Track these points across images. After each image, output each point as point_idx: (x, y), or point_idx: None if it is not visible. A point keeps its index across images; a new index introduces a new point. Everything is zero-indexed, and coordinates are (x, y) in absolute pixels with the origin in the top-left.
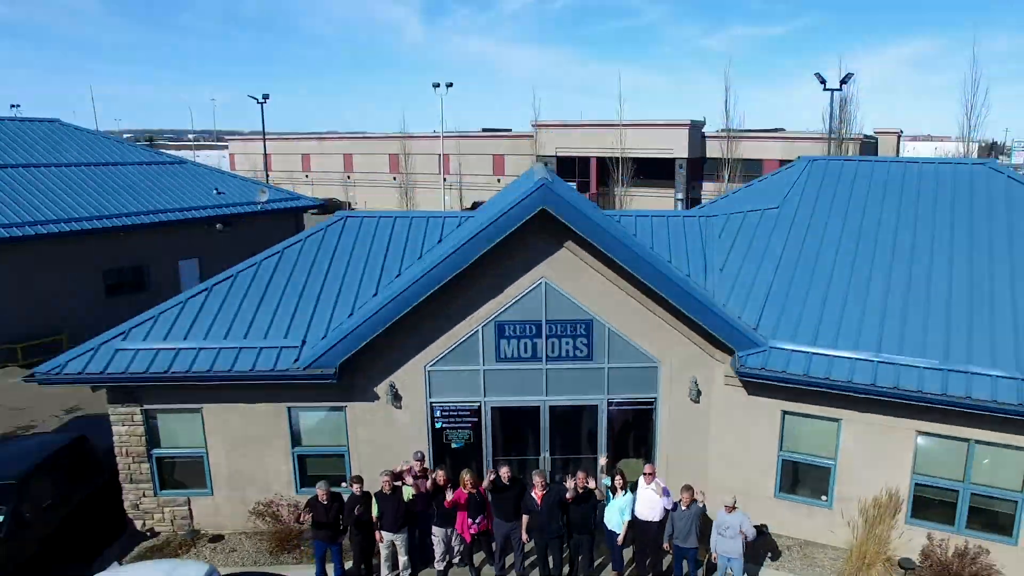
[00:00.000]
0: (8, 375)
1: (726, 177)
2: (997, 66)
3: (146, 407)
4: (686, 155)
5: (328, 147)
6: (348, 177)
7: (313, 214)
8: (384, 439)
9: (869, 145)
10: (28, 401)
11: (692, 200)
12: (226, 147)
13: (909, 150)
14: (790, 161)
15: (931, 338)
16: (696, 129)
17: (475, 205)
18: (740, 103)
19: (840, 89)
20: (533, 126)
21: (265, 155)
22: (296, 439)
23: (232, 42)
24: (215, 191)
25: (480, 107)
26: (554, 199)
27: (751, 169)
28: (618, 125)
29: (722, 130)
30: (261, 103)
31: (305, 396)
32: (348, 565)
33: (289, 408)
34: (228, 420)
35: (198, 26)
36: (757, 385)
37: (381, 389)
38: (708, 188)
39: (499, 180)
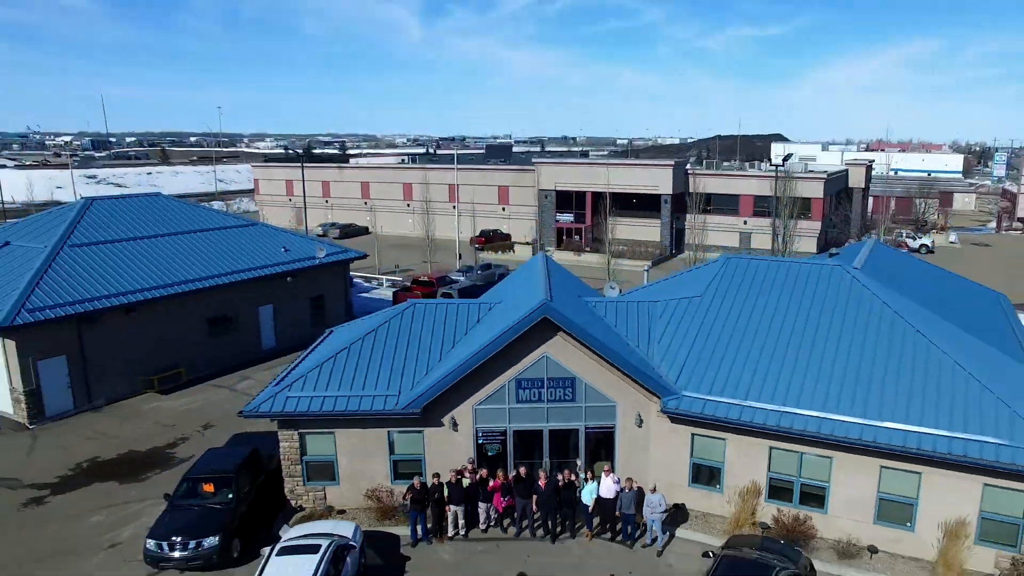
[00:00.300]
0: (150, 400)
1: (697, 209)
2: (992, 68)
3: (300, 431)
4: (671, 191)
5: (347, 175)
6: (366, 203)
7: (335, 238)
8: (446, 450)
9: (839, 178)
10: (174, 419)
11: (677, 230)
12: (237, 157)
13: (896, 162)
14: (761, 196)
15: (779, 389)
16: (679, 167)
17: (483, 233)
18: (739, 108)
19: (783, 165)
20: (534, 162)
21: (306, 181)
22: (392, 450)
23: (231, 44)
24: (283, 249)
25: (481, 108)
26: (551, 312)
27: (728, 203)
28: (611, 164)
29: (698, 171)
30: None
31: (398, 424)
32: (429, 525)
33: (388, 431)
34: (350, 439)
35: (193, 27)
36: (675, 418)
37: (446, 420)
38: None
39: (504, 209)
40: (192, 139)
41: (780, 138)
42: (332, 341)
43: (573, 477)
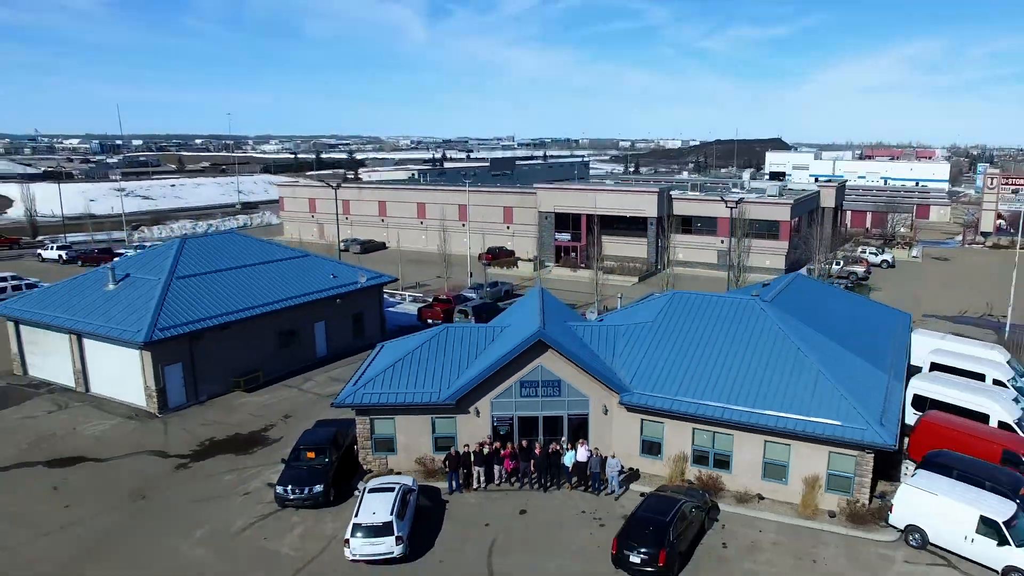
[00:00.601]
0: (239, 397)
1: (670, 231)
2: (996, 69)
3: (371, 417)
4: (655, 215)
5: (366, 195)
6: (383, 220)
7: (355, 253)
8: (471, 430)
9: (809, 199)
10: (260, 411)
11: (662, 248)
12: (248, 163)
13: (887, 171)
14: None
15: (698, 388)
16: (663, 193)
17: (490, 250)
18: (743, 109)
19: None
20: (535, 187)
21: (341, 203)
22: (434, 430)
23: (234, 45)
24: (332, 275)
25: (484, 110)
26: (544, 336)
27: (708, 224)
28: (602, 190)
29: (679, 195)
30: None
31: (439, 412)
32: (460, 481)
33: (432, 417)
34: (405, 422)
35: (196, 28)
36: (629, 408)
37: (471, 409)
38: (675, 238)
39: (508, 227)
40: (198, 141)
41: (779, 142)
42: (386, 354)
43: (558, 448)
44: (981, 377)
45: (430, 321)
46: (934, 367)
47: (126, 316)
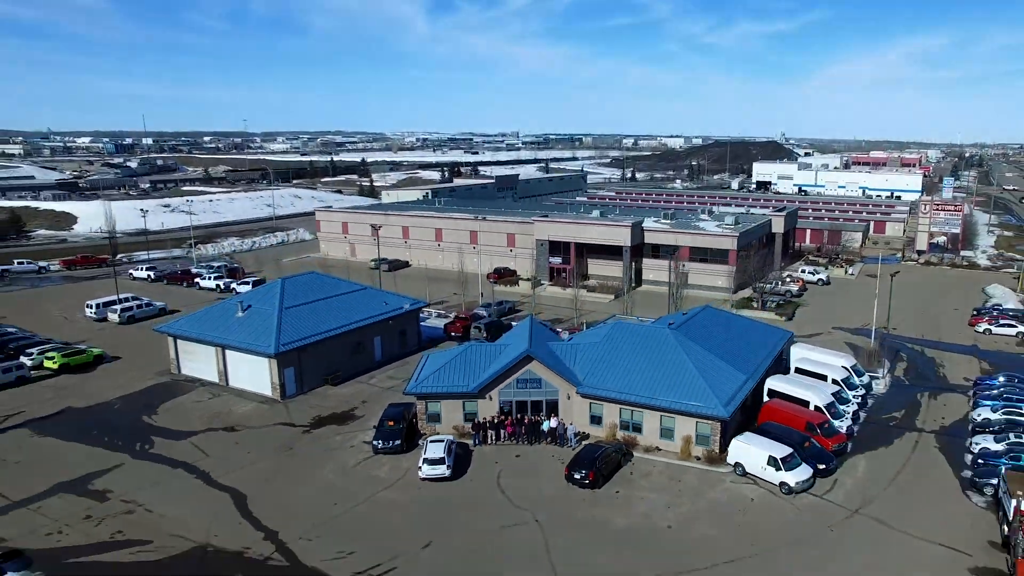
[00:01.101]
0: (327, 390)
1: (642, 256)
2: (997, 64)
3: (426, 401)
4: (628, 243)
5: (391, 220)
6: (406, 242)
7: (384, 271)
8: (487, 409)
9: (760, 227)
10: (346, 399)
11: (636, 270)
12: (263, 169)
13: (864, 181)
14: (695, 247)
15: (621, 384)
16: (636, 226)
17: (496, 270)
18: (746, 104)
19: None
20: (532, 220)
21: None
22: (464, 408)
23: (239, 41)
24: (384, 303)
25: (488, 105)
26: (532, 352)
27: (672, 251)
28: (585, 223)
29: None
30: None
31: (468, 398)
32: (480, 440)
33: (463, 401)
34: (447, 403)
35: (202, 25)
36: (583, 395)
37: (487, 396)
38: (646, 262)
39: (511, 250)
40: (207, 139)
41: (774, 145)
42: (431, 361)
43: (538, 419)
44: (824, 377)
45: (452, 334)
46: (797, 370)
47: (256, 335)
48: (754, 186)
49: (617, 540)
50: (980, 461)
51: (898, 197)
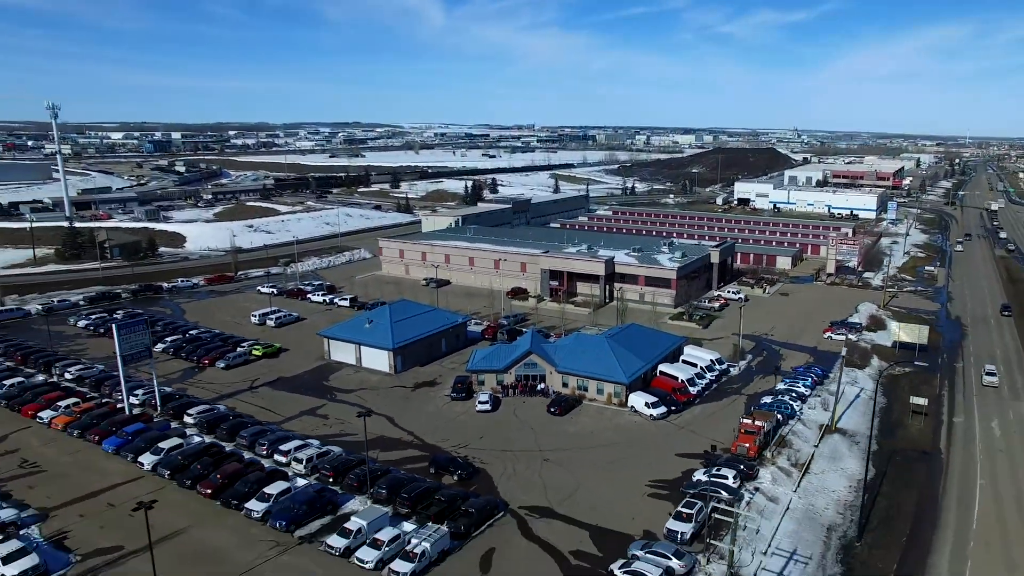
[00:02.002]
0: (419, 369)
1: (615, 281)
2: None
3: (476, 374)
4: (603, 272)
5: (436, 249)
6: (447, 265)
7: (432, 288)
8: (509, 379)
9: (700, 259)
10: (430, 374)
11: (609, 290)
12: (305, 179)
13: (829, 200)
14: (649, 277)
15: (579, 366)
16: (609, 261)
17: (513, 289)
18: (758, 96)
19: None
20: (537, 255)
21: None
22: (496, 378)
23: (256, 32)
24: (446, 318)
25: (504, 97)
26: (532, 350)
27: (633, 279)
28: (571, 258)
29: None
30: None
31: (499, 372)
32: (504, 395)
33: (496, 374)
34: (488, 376)
35: (220, 15)
36: (559, 372)
37: (509, 372)
38: (616, 284)
39: (524, 274)
40: (232, 133)
41: (771, 152)
42: (478, 353)
43: (535, 384)
44: (695, 364)
45: (486, 336)
46: (683, 361)
47: (380, 337)
48: (736, 201)
49: (568, 436)
50: (754, 406)
51: (855, 215)
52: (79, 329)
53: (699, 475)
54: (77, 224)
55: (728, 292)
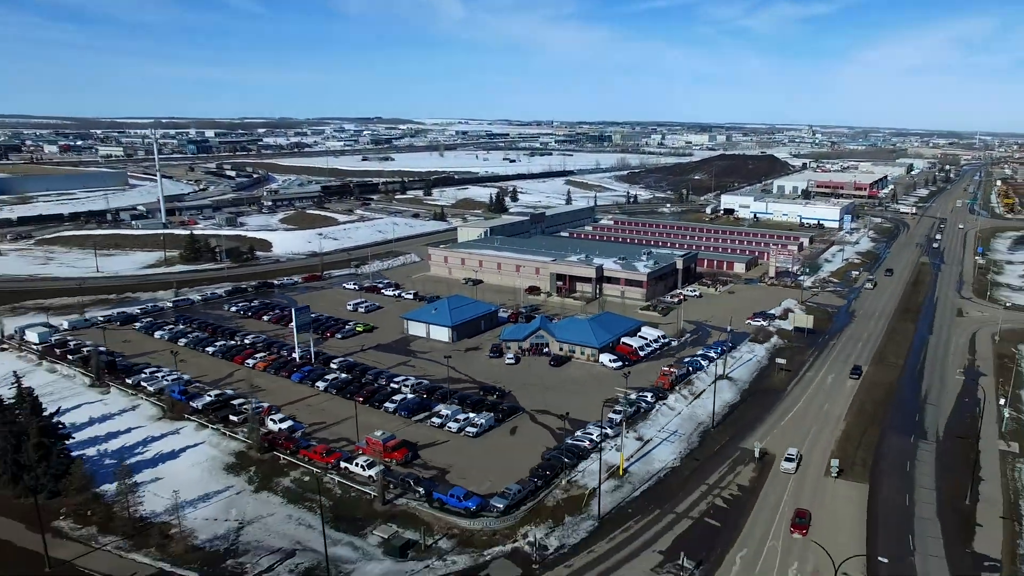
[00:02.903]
0: (467, 340)
1: (603, 283)
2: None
3: (506, 342)
4: (595, 276)
5: (473, 255)
6: (481, 267)
7: (470, 285)
8: (525, 346)
9: (669, 265)
10: (476, 344)
11: (600, 288)
12: (346, 185)
13: (800, 211)
14: (629, 279)
15: (570, 336)
16: (600, 267)
17: (530, 287)
18: (778, 89)
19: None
20: (545, 262)
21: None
22: (519, 344)
23: (277, 26)
24: (487, 307)
25: (523, 92)
26: (542, 326)
27: (616, 281)
28: (573, 264)
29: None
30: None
31: (520, 340)
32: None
33: (517, 342)
34: (513, 343)
35: (244, 8)
36: (558, 341)
37: (527, 341)
38: (604, 285)
39: (537, 274)
40: (260, 130)
41: (770, 159)
42: (506, 329)
43: (543, 348)
44: (646, 338)
45: (511, 319)
46: (639, 336)
47: (442, 318)
48: (722, 211)
49: (560, 378)
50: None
51: (821, 224)
52: (232, 313)
53: (632, 396)
54: (171, 230)
55: (687, 291)
